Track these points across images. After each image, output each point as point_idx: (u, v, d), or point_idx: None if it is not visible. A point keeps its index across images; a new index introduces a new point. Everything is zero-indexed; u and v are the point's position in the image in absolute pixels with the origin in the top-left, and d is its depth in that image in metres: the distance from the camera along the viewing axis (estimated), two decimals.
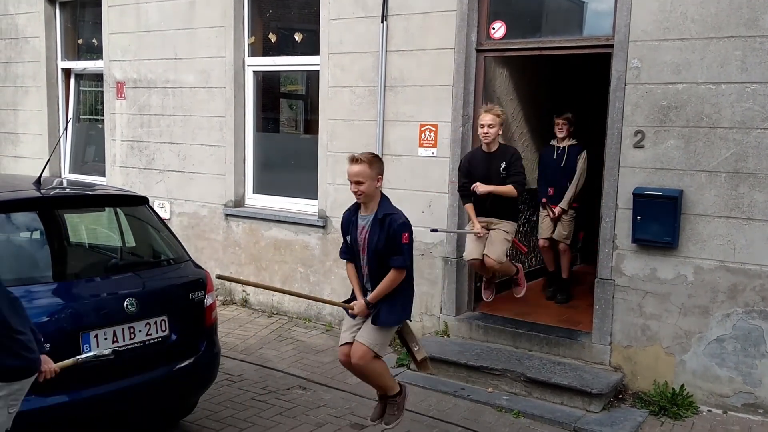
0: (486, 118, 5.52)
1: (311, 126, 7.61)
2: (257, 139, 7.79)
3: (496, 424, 5.00)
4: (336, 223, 6.95)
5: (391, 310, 4.25)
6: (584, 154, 6.73)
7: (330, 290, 7.05)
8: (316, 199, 7.13)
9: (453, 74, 6.16)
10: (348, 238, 4.43)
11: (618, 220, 5.47)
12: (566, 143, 6.76)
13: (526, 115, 7.33)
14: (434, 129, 6.30)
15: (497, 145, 5.63)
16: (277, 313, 7.45)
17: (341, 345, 4.42)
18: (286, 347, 6.47)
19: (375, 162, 4.22)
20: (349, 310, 4.35)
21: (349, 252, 4.46)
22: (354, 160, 4.19)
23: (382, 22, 6.47)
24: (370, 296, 4.26)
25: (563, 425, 4.97)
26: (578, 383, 5.23)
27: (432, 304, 6.46)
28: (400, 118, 6.49)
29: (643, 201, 5.27)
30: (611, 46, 5.46)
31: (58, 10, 9.26)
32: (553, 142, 6.87)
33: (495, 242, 5.60)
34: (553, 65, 7.46)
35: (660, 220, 5.20)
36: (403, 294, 4.32)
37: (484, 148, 5.66)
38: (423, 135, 6.36)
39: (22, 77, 9.51)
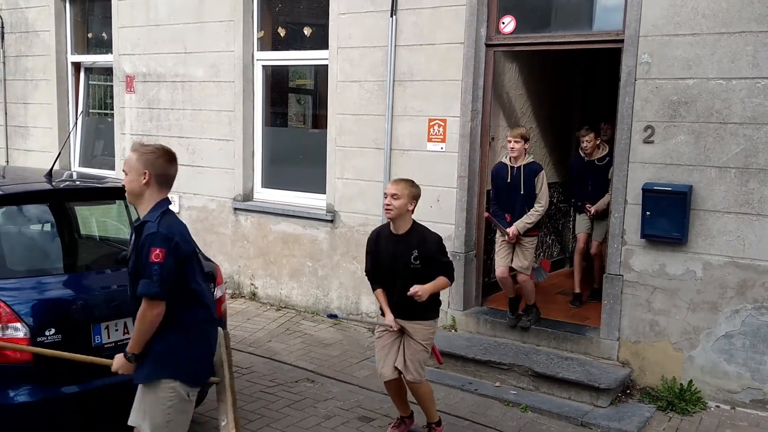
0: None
1: (320, 120, 7.62)
2: (266, 134, 7.80)
3: (504, 418, 5.01)
4: (344, 217, 6.97)
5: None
6: (542, 175, 5.79)
7: (338, 284, 7.06)
8: (325, 193, 7.14)
9: (462, 69, 6.15)
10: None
11: (627, 216, 5.46)
12: (521, 162, 5.80)
13: (536, 111, 7.32)
14: (443, 124, 6.30)
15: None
16: (285, 307, 7.47)
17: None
18: (294, 340, 6.49)
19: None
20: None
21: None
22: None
23: (392, 16, 6.47)
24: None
25: (570, 420, 4.98)
26: (586, 378, 5.23)
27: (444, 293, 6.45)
28: (409, 113, 6.49)
29: (652, 196, 5.25)
30: (621, 41, 5.44)
31: (67, 4, 9.30)
32: (506, 160, 5.94)
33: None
34: (563, 60, 7.44)
35: (669, 215, 5.19)
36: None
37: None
38: (431, 130, 6.36)
39: (32, 71, 9.56)
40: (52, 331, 3.61)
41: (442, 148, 6.32)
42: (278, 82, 8.09)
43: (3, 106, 9.95)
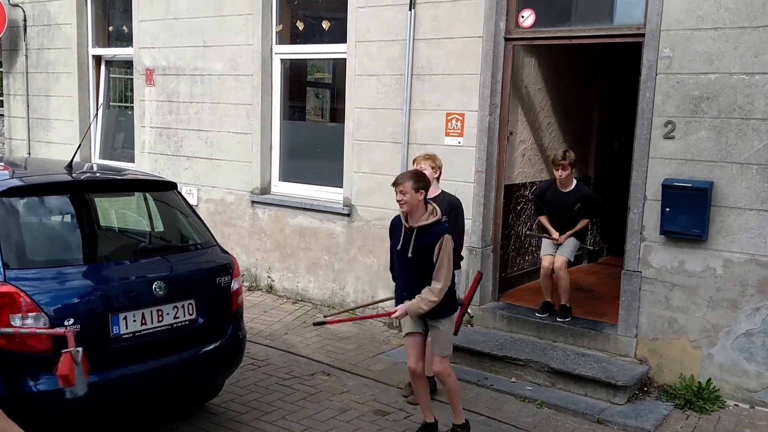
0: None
1: (337, 114, 7.62)
2: (284, 127, 7.82)
3: (519, 414, 5.00)
4: (361, 211, 6.97)
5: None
6: (446, 239, 4.19)
7: (354, 278, 7.08)
8: (342, 187, 7.15)
9: (481, 63, 6.12)
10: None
11: (646, 212, 5.40)
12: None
13: (555, 105, 7.26)
14: (461, 118, 6.27)
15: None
16: (301, 300, 7.50)
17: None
18: (310, 333, 6.52)
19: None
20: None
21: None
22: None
23: (410, 10, 6.44)
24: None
25: (587, 416, 4.95)
26: (603, 375, 5.20)
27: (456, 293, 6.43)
28: (427, 107, 6.47)
29: (672, 192, 5.20)
30: (642, 35, 5.38)
31: None
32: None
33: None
34: (584, 55, 7.37)
35: (689, 212, 5.13)
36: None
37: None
38: (449, 124, 6.33)
39: (54, 64, 9.66)
40: (71, 321, 3.64)
41: (459, 143, 6.30)
42: (296, 75, 8.10)
43: (25, 99, 10.07)
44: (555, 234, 6.14)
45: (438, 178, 5.10)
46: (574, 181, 6.12)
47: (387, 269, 6.70)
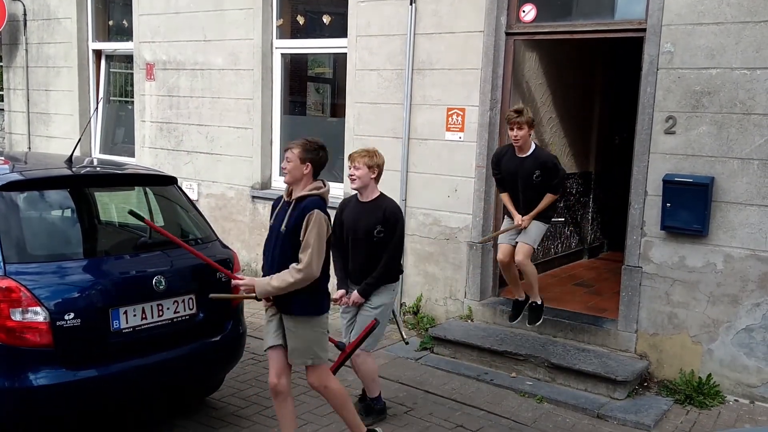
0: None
1: (338, 109, 7.61)
2: (284, 122, 7.81)
3: (519, 409, 5.00)
4: None
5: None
6: (315, 215, 3.74)
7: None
8: (342, 182, 7.14)
9: (482, 57, 6.10)
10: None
11: (647, 207, 5.40)
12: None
13: (556, 100, 7.25)
14: (461, 113, 6.26)
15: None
16: None
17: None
18: None
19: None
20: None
21: None
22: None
23: (411, 4, 6.42)
24: None
25: (587, 411, 4.95)
26: (603, 370, 5.20)
27: (456, 288, 6.45)
28: (428, 102, 6.46)
29: (673, 188, 5.19)
30: (644, 30, 5.37)
31: None
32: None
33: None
34: (585, 49, 7.36)
35: (690, 207, 5.12)
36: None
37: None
38: (450, 119, 6.32)
39: (54, 58, 9.64)
40: (71, 315, 3.65)
41: (460, 138, 6.29)
42: (297, 70, 8.09)
43: (25, 93, 10.05)
44: (516, 216, 5.30)
45: (377, 179, 4.50)
46: (533, 145, 5.26)
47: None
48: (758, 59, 4.91)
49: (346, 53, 6.99)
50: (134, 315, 3.94)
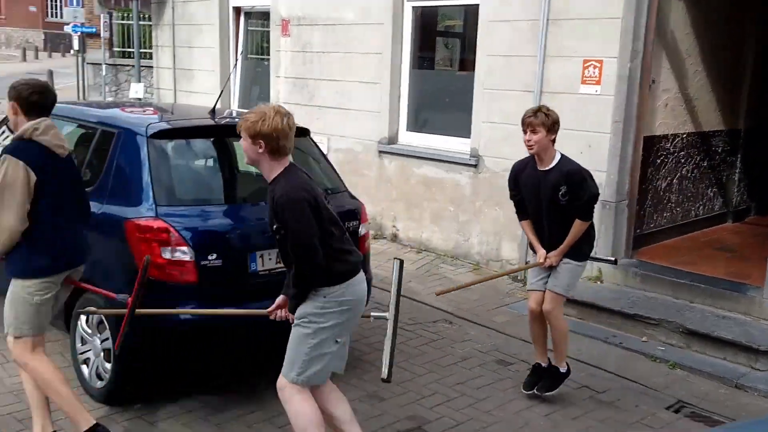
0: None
1: (467, 63, 7.48)
2: (413, 76, 7.79)
3: (650, 374, 4.82)
4: (489, 162, 6.87)
5: None
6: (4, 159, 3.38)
7: (479, 230, 7.02)
8: (469, 137, 7.06)
9: (623, 6, 5.75)
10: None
11: None
12: None
13: (702, 52, 6.73)
14: (599, 65, 5.96)
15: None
16: (425, 250, 7.56)
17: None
18: (433, 282, 6.58)
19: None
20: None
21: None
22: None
23: None
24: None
25: (724, 380, 4.69)
26: (744, 338, 4.89)
27: None
28: (563, 54, 6.20)
29: None
30: None
31: None
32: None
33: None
34: (735, 1, 6.76)
35: None
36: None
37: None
38: (586, 71, 6.04)
39: (196, 16, 10.12)
40: (214, 256, 3.88)
41: (596, 91, 6.00)
42: (427, 24, 8.00)
43: (171, 50, 10.66)
44: (540, 251, 4.24)
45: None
46: (558, 155, 4.14)
47: (514, 222, 6.62)
48: None
49: (477, 5, 6.82)
50: (269, 259, 4.12)
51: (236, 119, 5.42)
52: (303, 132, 4.97)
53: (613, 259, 5.35)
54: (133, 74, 13.40)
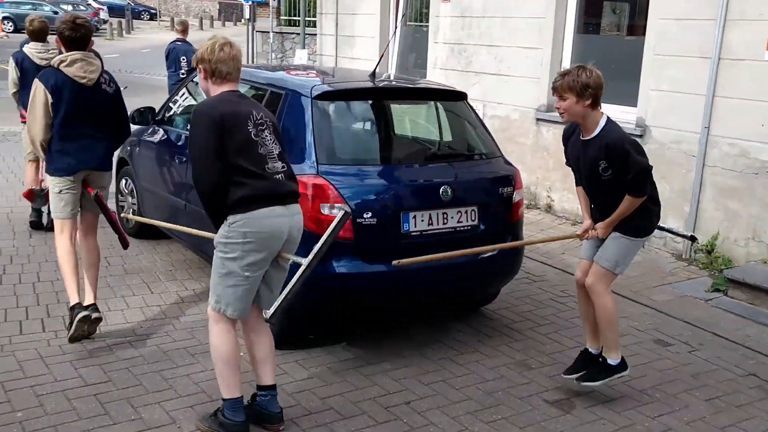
0: None
1: (635, 28, 7.06)
2: (576, 41, 7.47)
3: None
4: (656, 132, 6.46)
5: None
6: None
7: None
8: (636, 106, 6.68)
9: None
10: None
11: None
12: None
13: None
14: None
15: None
16: (580, 222, 7.27)
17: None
18: None
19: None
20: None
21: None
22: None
23: None
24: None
25: None
26: None
27: (762, 229, 5.74)
28: (746, 17, 5.66)
29: None
30: None
31: None
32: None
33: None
34: None
35: None
36: None
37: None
38: None
39: None
40: (369, 214, 3.99)
41: None
42: None
43: (335, 17, 10.97)
44: (585, 221, 3.87)
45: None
46: (602, 122, 3.61)
47: (681, 196, 6.24)
48: None
49: None
50: (422, 220, 4.18)
51: (393, 82, 5.52)
52: (460, 96, 4.94)
53: (689, 235, 4.86)
54: (298, 42, 13.98)
